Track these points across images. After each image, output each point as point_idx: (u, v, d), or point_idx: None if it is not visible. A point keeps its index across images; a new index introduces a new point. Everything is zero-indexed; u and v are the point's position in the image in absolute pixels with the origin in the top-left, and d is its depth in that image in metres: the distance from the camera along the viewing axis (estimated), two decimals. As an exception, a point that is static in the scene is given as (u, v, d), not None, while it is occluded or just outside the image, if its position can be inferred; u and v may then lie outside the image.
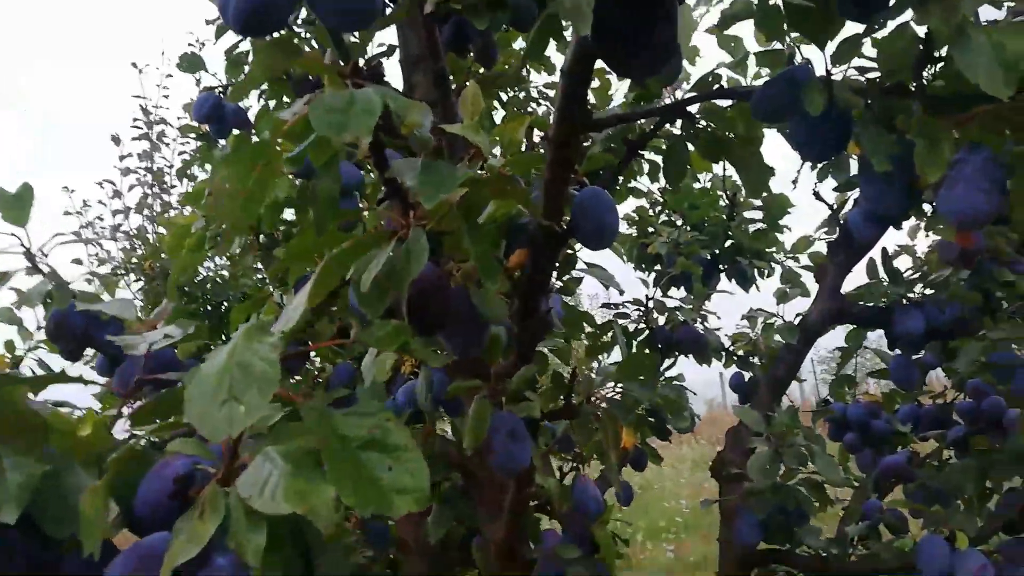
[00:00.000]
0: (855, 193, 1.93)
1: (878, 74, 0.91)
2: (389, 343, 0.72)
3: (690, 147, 1.34)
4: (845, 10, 0.88)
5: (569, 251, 1.35)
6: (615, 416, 1.17)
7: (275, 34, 0.92)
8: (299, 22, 1.85)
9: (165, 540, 0.69)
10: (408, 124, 0.76)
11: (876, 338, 2.24)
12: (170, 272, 1.83)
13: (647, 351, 2.35)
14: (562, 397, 1.25)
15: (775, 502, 1.56)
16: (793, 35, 1.01)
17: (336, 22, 0.81)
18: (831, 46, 0.94)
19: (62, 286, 1.51)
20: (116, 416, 0.94)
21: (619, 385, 1.32)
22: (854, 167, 1.72)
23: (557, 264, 1.24)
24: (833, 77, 0.91)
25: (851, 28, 0.95)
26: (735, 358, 2.55)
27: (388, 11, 0.99)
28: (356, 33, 1.12)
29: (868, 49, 0.96)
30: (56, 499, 0.72)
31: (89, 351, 1.62)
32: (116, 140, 7.30)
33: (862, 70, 0.92)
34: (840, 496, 2.27)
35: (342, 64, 0.87)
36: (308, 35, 2.15)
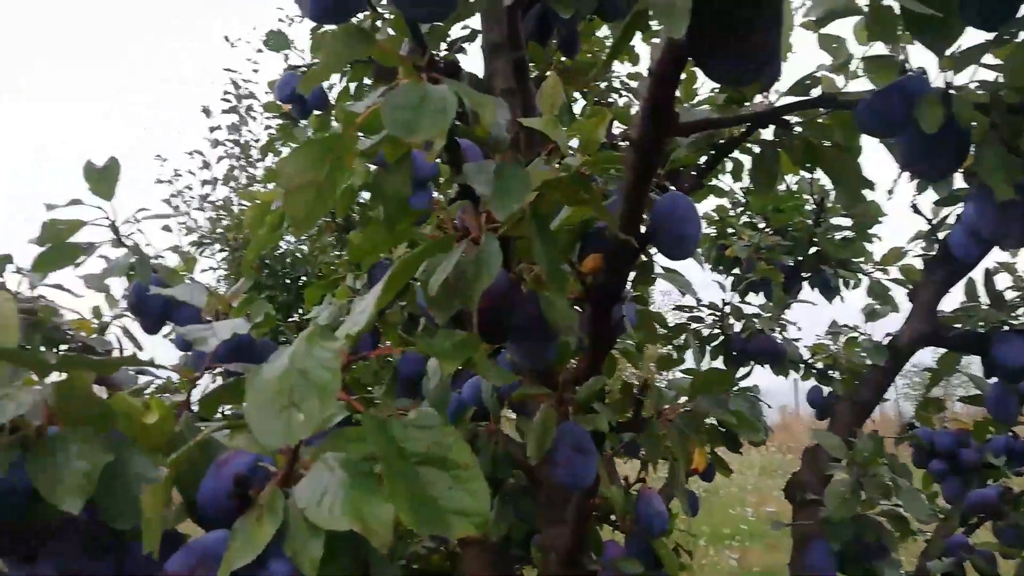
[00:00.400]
0: (956, 208, 1.80)
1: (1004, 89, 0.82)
2: (454, 357, 0.70)
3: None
4: (968, 17, 0.80)
5: (645, 257, 1.29)
6: (687, 435, 1.12)
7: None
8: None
9: (224, 540, 0.68)
10: (484, 124, 0.73)
11: (968, 358, 2.10)
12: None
13: (722, 364, 2.27)
14: (631, 410, 1.21)
15: (853, 532, 1.47)
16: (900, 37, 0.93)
17: (414, 11, 0.77)
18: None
19: (143, 261, 1.55)
20: (186, 402, 0.95)
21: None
22: (958, 180, 1.60)
23: (633, 271, 1.19)
24: (951, 90, 0.83)
25: (973, 35, 0.87)
26: (813, 371, 2.43)
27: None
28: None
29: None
30: (120, 489, 0.73)
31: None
32: (207, 112, 7.60)
33: (985, 84, 0.83)
34: (922, 527, 2.15)
35: (419, 55, 0.84)
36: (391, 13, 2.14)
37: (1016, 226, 0.85)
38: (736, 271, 2.62)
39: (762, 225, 2.70)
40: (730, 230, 2.72)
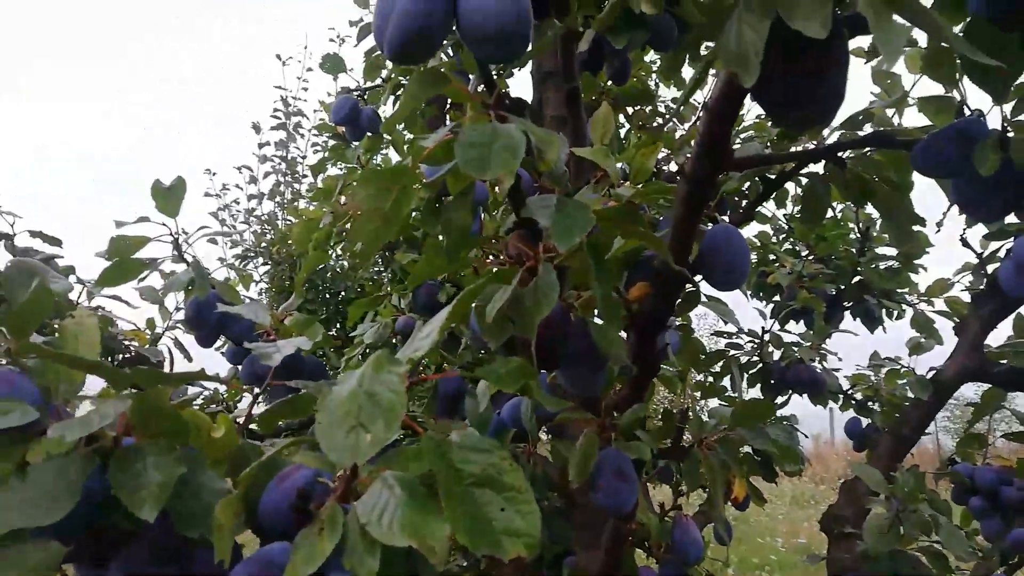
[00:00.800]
0: (1007, 243, 1.78)
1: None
2: (511, 383, 0.72)
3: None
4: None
5: (692, 287, 1.31)
6: (728, 464, 1.13)
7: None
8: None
9: (285, 552, 0.71)
10: (547, 162, 0.76)
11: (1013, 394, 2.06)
12: (297, 262, 1.92)
13: (760, 392, 2.26)
14: (671, 438, 1.22)
15: (892, 568, 1.46)
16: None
17: (486, 52, 0.81)
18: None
19: (203, 276, 1.60)
20: (248, 417, 0.99)
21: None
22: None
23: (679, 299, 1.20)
24: (1009, 133, 0.83)
25: None
26: (853, 402, 2.41)
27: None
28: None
29: None
30: (190, 498, 0.76)
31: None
32: (256, 128, 7.78)
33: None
34: (961, 565, 2.10)
35: (487, 93, 0.87)
36: (447, 41, 2.20)
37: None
38: (777, 298, 2.61)
39: (805, 252, 2.69)
40: (772, 257, 2.71)
